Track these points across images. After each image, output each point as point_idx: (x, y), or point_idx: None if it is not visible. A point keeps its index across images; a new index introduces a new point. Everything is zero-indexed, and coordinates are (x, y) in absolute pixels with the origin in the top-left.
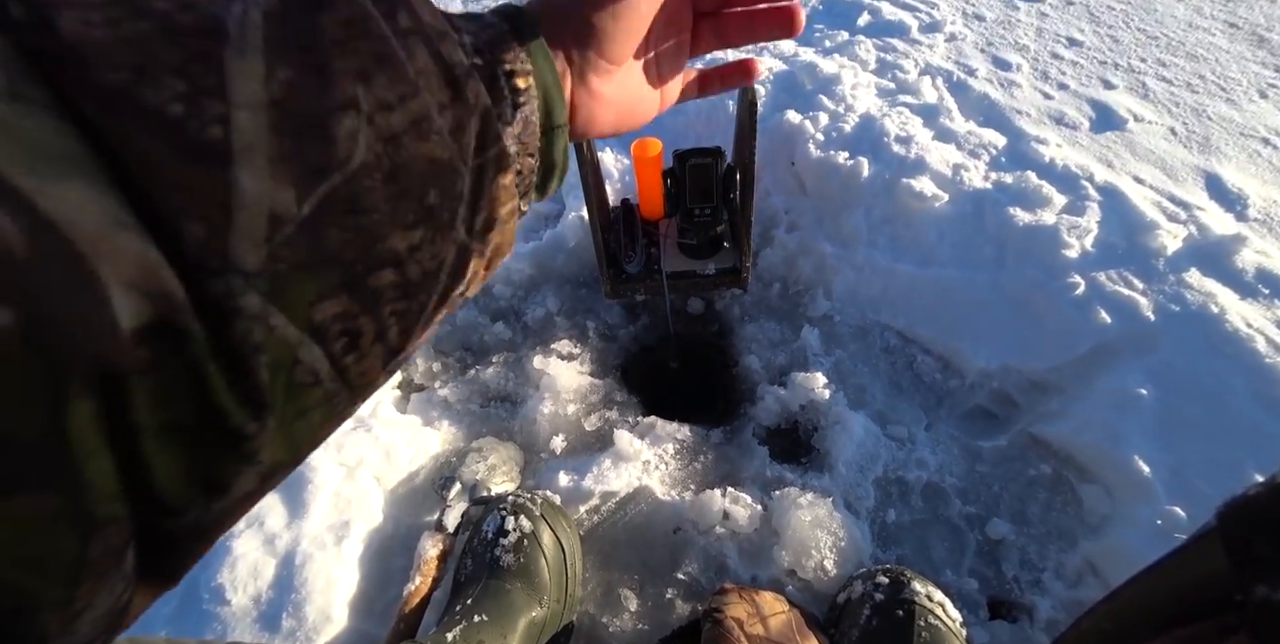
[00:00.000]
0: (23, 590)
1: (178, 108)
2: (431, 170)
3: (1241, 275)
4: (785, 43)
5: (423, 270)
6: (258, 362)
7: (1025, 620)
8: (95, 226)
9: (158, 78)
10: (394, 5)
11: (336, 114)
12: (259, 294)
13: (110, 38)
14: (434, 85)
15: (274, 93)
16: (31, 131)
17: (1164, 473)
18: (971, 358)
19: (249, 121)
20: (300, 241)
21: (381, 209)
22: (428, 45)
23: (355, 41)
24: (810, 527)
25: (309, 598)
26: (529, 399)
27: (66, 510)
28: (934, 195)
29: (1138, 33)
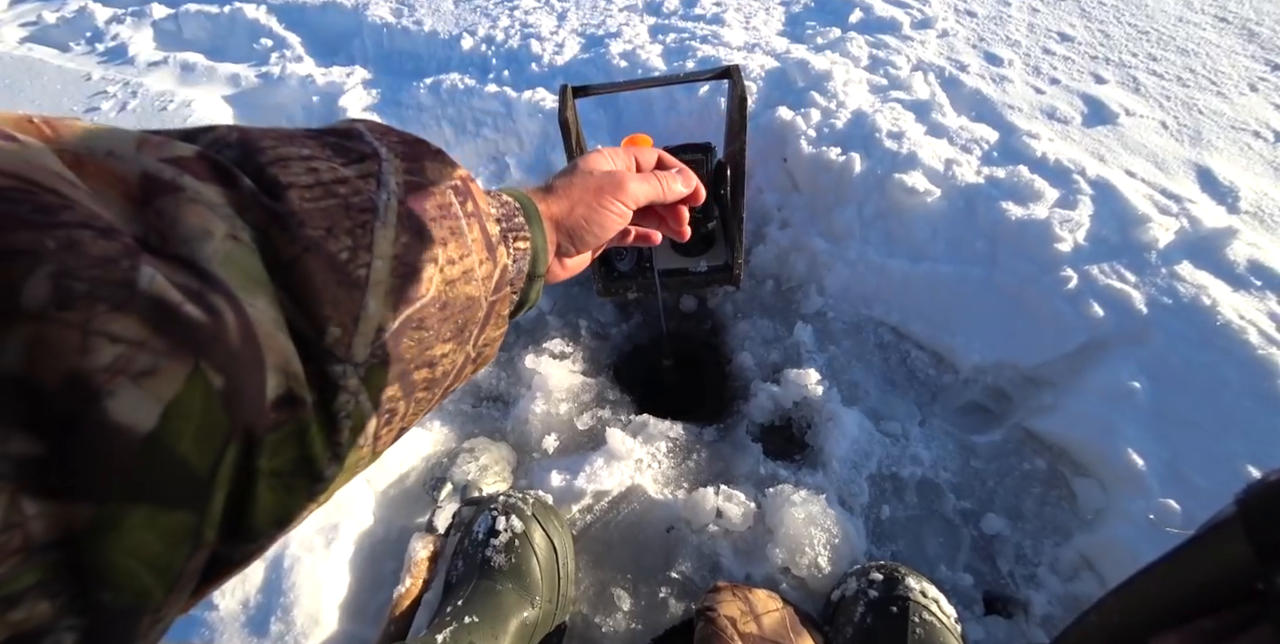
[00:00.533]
0: (144, 590)
1: (345, 255)
2: (467, 304)
3: (1233, 267)
4: (777, 39)
5: (444, 371)
6: (346, 426)
7: (1020, 615)
8: (269, 327)
9: (338, 236)
10: (466, 196)
11: (427, 264)
12: (359, 379)
13: (315, 208)
14: (480, 248)
15: (397, 250)
16: (245, 262)
17: (1157, 466)
18: (965, 353)
19: (381, 267)
20: (388, 345)
21: (435, 327)
22: (480, 223)
23: (443, 219)
24: (804, 524)
25: (298, 601)
26: (521, 399)
27: (194, 530)
28: (926, 190)
29: (1128, 27)
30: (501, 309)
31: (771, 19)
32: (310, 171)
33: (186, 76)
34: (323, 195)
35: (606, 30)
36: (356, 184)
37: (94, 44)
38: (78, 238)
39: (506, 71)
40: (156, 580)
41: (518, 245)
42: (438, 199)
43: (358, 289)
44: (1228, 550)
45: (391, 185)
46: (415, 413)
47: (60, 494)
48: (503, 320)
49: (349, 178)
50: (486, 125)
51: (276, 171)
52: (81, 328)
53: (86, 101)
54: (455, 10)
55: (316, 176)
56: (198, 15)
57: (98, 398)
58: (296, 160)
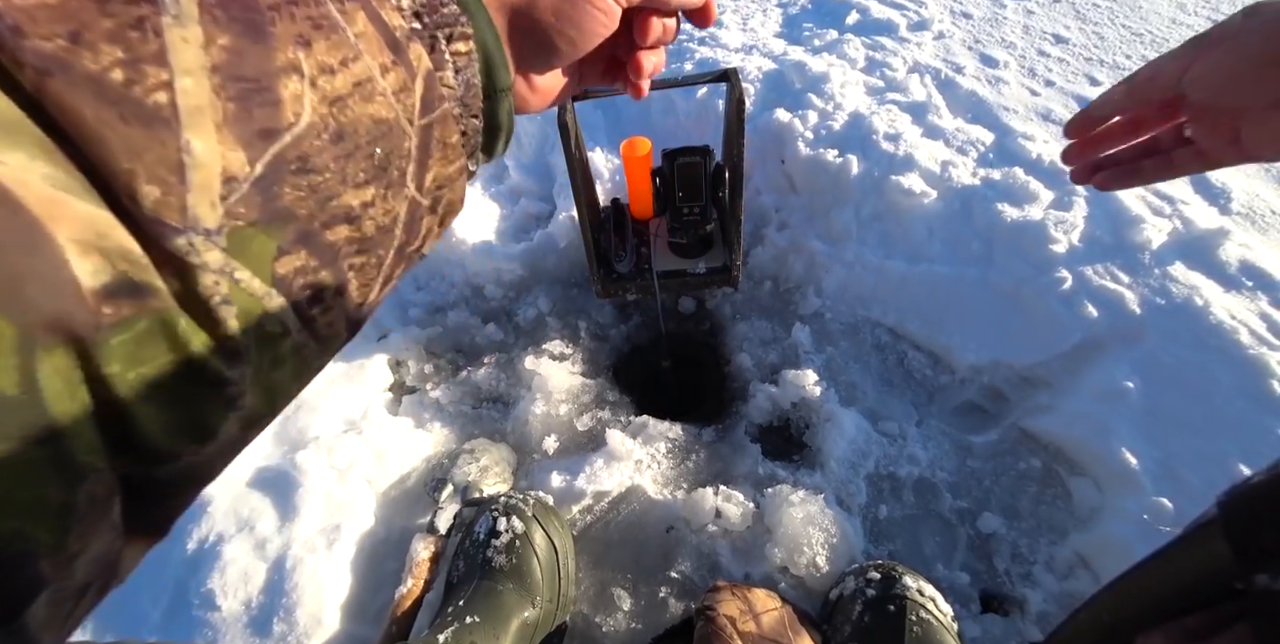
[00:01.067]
0: (18, 535)
1: (118, 74)
2: (378, 130)
3: (1225, 268)
4: (774, 41)
5: (377, 226)
6: (227, 312)
7: (1017, 613)
8: (43, 190)
9: (94, 44)
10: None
11: (280, 78)
12: (220, 250)
13: (40, 4)
14: (375, 48)
15: (214, 58)
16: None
17: (1151, 465)
18: (961, 353)
19: (193, 87)
20: (255, 200)
21: (332, 168)
22: (366, 9)
23: (291, 7)
24: (802, 523)
25: (300, 602)
26: (521, 400)
27: (48, 460)
28: (923, 192)
29: (1122, 30)
30: (446, 135)
31: (769, 21)
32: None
33: None
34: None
35: None
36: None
37: None
38: None
39: None
40: (29, 523)
41: (454, 47)
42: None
43: (161, 123)
44: (1209, 551)
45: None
46: (364, 284)
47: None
48: (454, 151)
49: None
50: None
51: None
52: None
53: None
54: None
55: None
56: None
57: None
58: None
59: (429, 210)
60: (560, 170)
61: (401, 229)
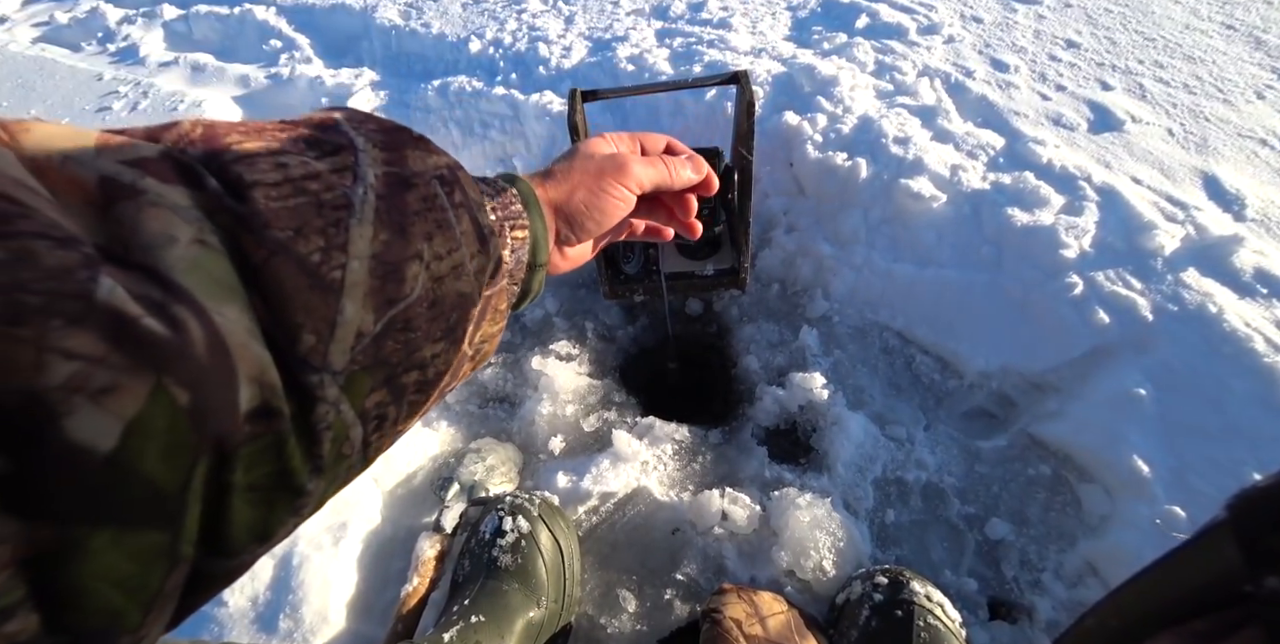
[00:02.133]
0: (117, 613)
1: (317, 257)
2: (459, 301)
3: (1239, 275)
4: (784, 44)
5: (437, 372)
6: (326, 437)
7: (1025, 621)
8: (241, 337)
9: (309, 236)
10: (453, 186)
11: (410, 262)
12: (338, 387)
13: (283, 208)
14: (470, 241)
15: (375, 249)
16: (212, 267)
17: (1163, 473)
18: (970, 358)
19: (358, 267)
20: (370, 350)
21: (423, 327)
22: (470, 213)
23: (427, 213)
24: (809, 527)
25: (306, 599)
26: (527, 400)
27: (166, 547)
28: (932, 196)
29: (1135, 35)
30: (499, 303)
31: (778, 24)
32: (278, 167)
33: (197, 77)
34: (291, 193)
35: (614, 34)
36: (330, 179)
37: (105, 44)
38: (33, 248)
39: (514, 74)
40: (130, 602)
41: (515, 234)
42: (421, 191)
43: (332, 293)
44: (1219, 554)
45: (369, 179)
46: (410, 416)
47: (28, 514)
48: (501, 315)
49: (321, 172)
50: (494, 128)
51: (242, 169)
52: (35, 344)
53: (98, 101)
54: (463, 13)
55: (285, 172)
56: (208, 16)
57: (55, 417)
58: (264, 156)
59: (470, 358)
60: None
61: (451, 373)
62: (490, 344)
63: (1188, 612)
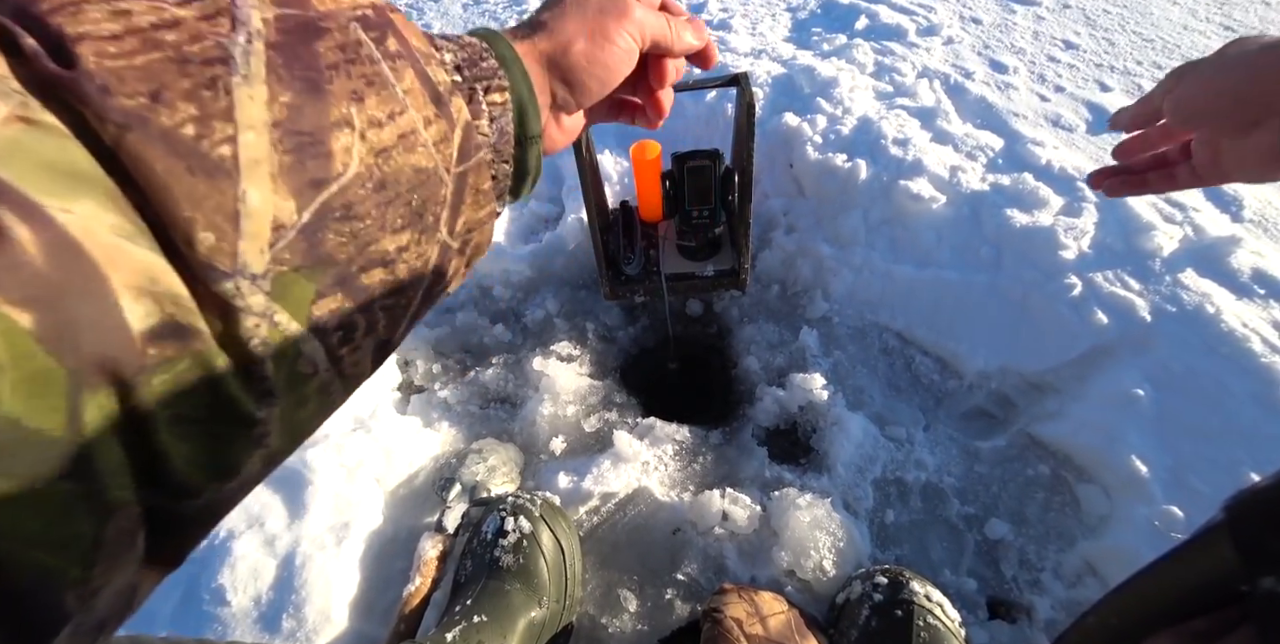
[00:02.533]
0: (46, 569)
1: (190, 129)
2: (417, 179)
3: (1237, 276)
4: (784, 46)
5: (410, 269)
6: (264, 354)
7: (1024, 620)
8: (106, 238)
9: (172, 103)
10: (384, 31)
11: (333, 131)
12: (264, 294)
13: (127, 66)
14: (420, 102)
15: (276, 114)
16: (46, 152)
17: (1161, 473)
18: (969, 359)
19: (255, 141)
20: (300, 246)
21: (373, 215)
22: (414, 66)
23: (349, 66)
24: (809, 527)
25: (309, 599)
26: (528, 401)
27: (83, 497)
28: (932, 197)
29: (1133, 36)
30: (479, 182)
31: (778, 25)
32: (116, 16)
33: None
34: (139, 47)
35: None
36: (195, 27)
37: None
38: None
39: None
40: (59, 557)
41: (491, 98)
42: (336, 38)
43: (223, 174)
44: (1216, 554)
45: (254, 23)
46: (392, 324)
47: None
48: (485, 197)
49: (183, 19)
50: None
51: (62, 21)
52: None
53: None
54: (463, 14)
55: (127, 22)
56: None
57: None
58: (95, 1)
59: (458, 252)
60: (569, 173)
61: (431, 271)
62: (481, 233)
63: (1186, 611)
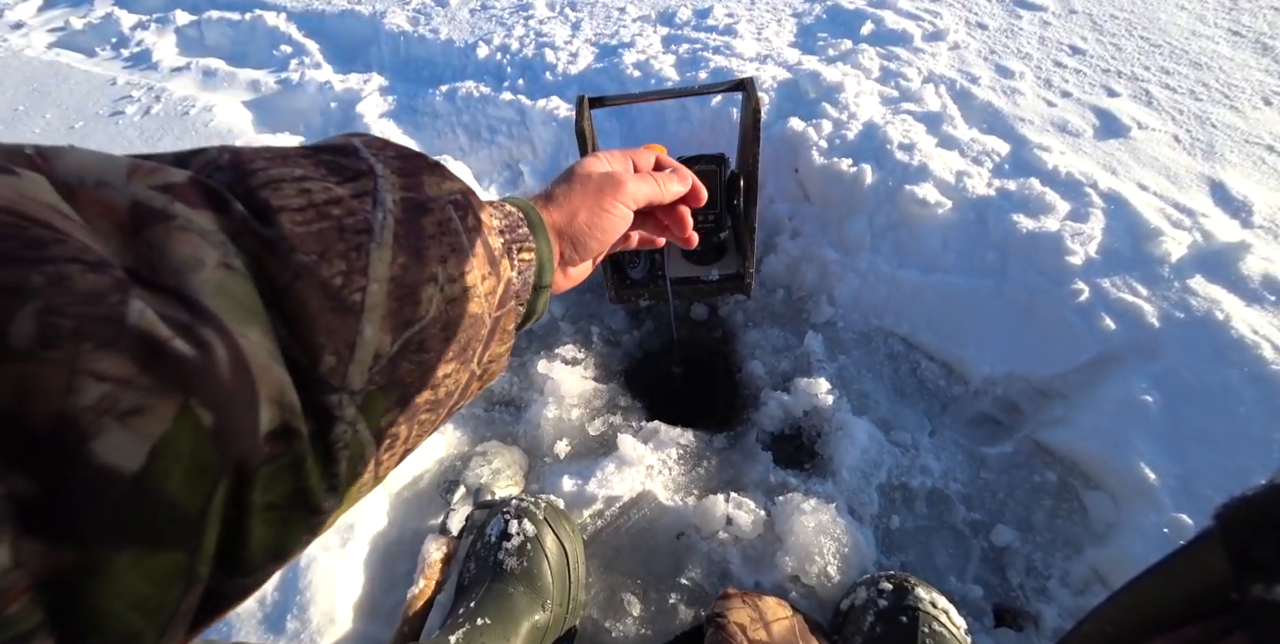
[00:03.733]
0: (134, 634)
1: (339, 280)
2: (470, 322)
3: (1247, 282)
4: (789, 51)
5: (448, 392)
6: (344, 456)
7: (1031, 628)
8: (263, 358)
9: (331, 260)
10: (466, 211)
11: (425, 285)
12: (355, 407)
13: (307, 232)
14: (481, 263)
15: (394, 272)
16: (238, 291)
17: (1170, 480)
18: (975, 364)
19: (377, 290)
20: (387, 370)
21: (436, 349)
22: (481, 237)
23: (441, 236)
24: (814, 532)
25: (314, 600)
26: (533, 404)
27: (183, 568)
28: (937, 202)
29: (1141, 41)
30: (507, 324)
31: (783, 30)
32: (303, 193)
33: (208, 82)
34: (315, 218)
35: (620, 40)
36: (351, 204)
37: (119, 49)
38: (66, 273)
39: (521, 80)
40: (147, 622)
41: (522, 257)
42: (437, 215)
43: (353, 315)
44: (1207, 562)
45: (388, 203)
46: (419, 435)
47: (53, 536)
48: (509, 335)
49: (343, 197)
50: (501, 133)
51: (268, 195)
52: (68, 366)
53: (111, 106)
54: (471, 19)
55: (309, 198)
56: (220, 22)
57: (84, 439)
58: (289, 181)
59: (479, 378)
60: None
61: (460, 393)
62: (498, 364)
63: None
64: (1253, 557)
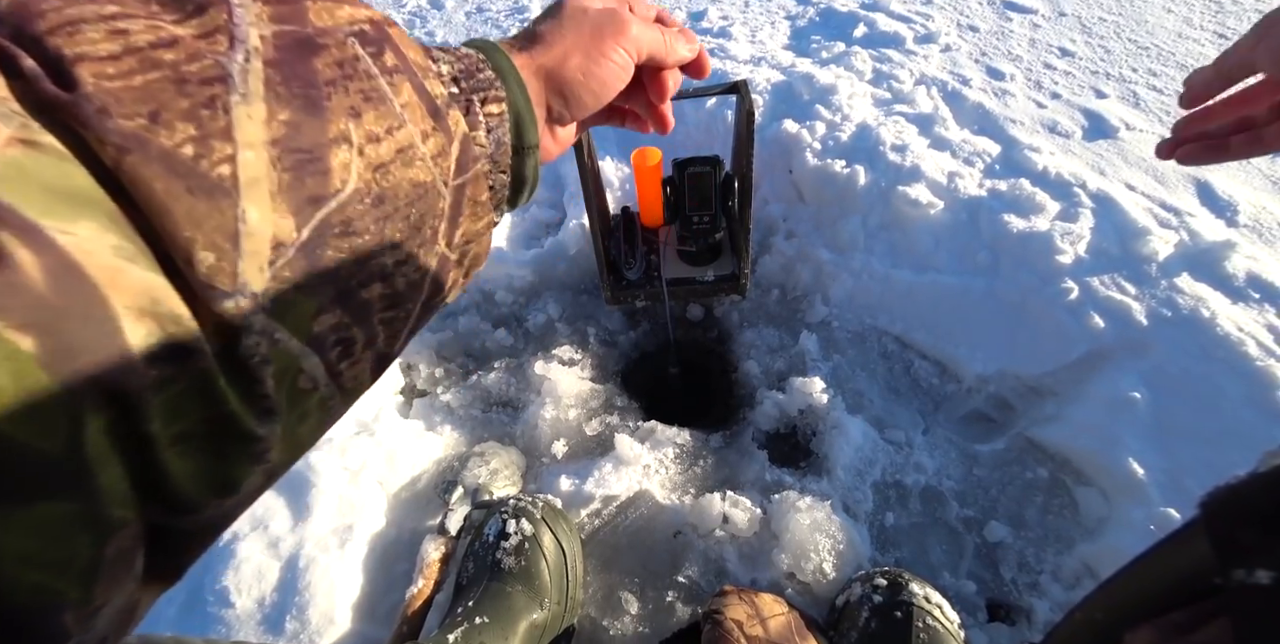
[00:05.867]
0: (45, 591)
1: (189, 149)
2: (415, 193)
3: (1232, 280)
4: (783, 53)
5: (408, 281)
6: (265, 372)
7: (1023, 622)
8: (107, 260)
9: (171, 123)
10: (381, 45)
11: (331, 148)
12: (264, 312)
13: (125, 87)
14: (418, 116)
15: (274, 133)
16: (47, 174)
17: (1158, 476)
18: (968, 363)
19: (254, 159)
20: (299, 263)
21: (371, 230)
22: (411, 80)
23: (346, 81)
24: (809, 530)
25: (312, 600)
26: (530, 404)
27: (82, 516)
28: (930, 202)
29: (1129, 43)
30: (477, 194)
31: (777, 33)
32: (114, 35)
33: None
34: (137, 67)
35: None
36: (193, 46)
37: None
38: None
39: None
40: (55, 577)
41: (488, 109)
42: (333, 54)
43: (223, 194)
44: (1193, 549)
45: (252, 40)
46: (391, 337)
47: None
48: (484, 208)
49: (180, 38)
50: None
51: (60, 41)
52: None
53: None
54: (467, 22)
55: (125, 41)
56: None
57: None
58: (93, 22)
59: (456, 264)
60: (571, 179)
61: (429, 282)
62: (479, 245)
63: (1167, 605)
64: (1235, 542)
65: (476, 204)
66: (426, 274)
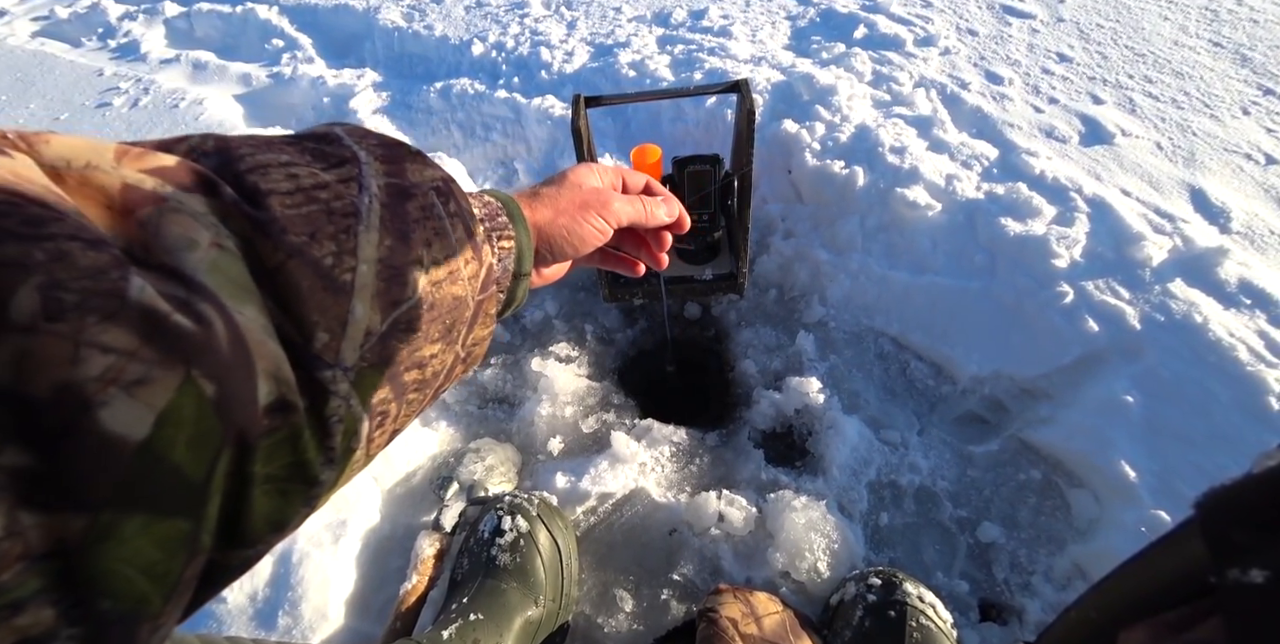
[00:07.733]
0: (142, 598)
1: (329, 260)
2: (454, 304)
3: (1224, 286)
4: (783, 53)
5: (434, 371)
6: (338, 429)
7: (1015, 622)
8: (259, 335)
9: (321, 241)
10: (448, 197)
11: (411, 267)
12: (349, 382)
13: (296, 214)
14: (463, 248)
15: (380, 253)
16: (231, 269)
17: (1149, 478)
18: (963, 364)
19: (366, 271)
20: (378, 348)
21: (422, 329)
22: (463, 222)
23: (425, 220)
24: (804, 529)
25: (305, 596)
26: (527, 401)
27: (190, 537)
28: (927, 204)
29: (1126, 50)
30: (489, 308)
31: (778, 33)
32: (290, 178)
33: (198, 75)
34: (304, 201)
35: (615, 40)
36: (337, 189)
37: (106, 40)
38: (67, 249)
39: (516, 78)
40: (154, 588)
41: (502, 244)
42: (420, 201)
43: (344, 294)
44: (1187, 549)
45: (373, 188)
46: (408, 415)
47: (54, 505)
48: (490, 319)
49: (329, 182)
50: (495, 130)
51: (256, 179)
52: (72, 339)
53: (98, 97)
54: (466, 16)
55: (296, 182)
56: (210, 14)
57: (90, 408)
58: (275, 167)
59: (463, 361)
60: None
61: (445, 374)
62: (480, 347)
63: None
64: (1230, 542)
65: (487, 315)
66: (446, 366)
